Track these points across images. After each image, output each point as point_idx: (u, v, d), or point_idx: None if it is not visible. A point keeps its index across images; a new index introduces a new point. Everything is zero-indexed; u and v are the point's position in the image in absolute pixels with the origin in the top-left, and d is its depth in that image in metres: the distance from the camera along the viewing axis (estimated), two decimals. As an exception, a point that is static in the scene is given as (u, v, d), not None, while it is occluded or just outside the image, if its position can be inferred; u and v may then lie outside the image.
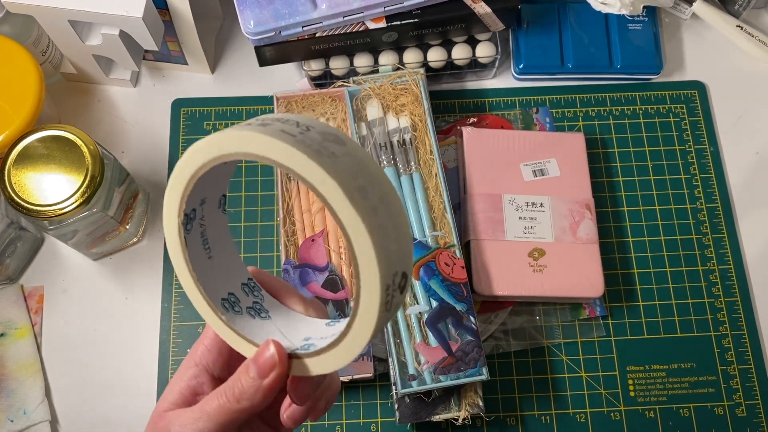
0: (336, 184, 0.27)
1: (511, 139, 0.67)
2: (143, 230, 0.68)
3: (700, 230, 0.69)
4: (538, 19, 0.73)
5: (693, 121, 0.73)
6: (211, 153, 0.30)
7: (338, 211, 0.27)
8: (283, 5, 0.63)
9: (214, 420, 0.34)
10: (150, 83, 0.74)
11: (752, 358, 0.65)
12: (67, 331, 0.65)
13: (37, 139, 0.57)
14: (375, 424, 0.62)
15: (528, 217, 0.64)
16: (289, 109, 0.67)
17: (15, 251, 0.64)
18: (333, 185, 0.27)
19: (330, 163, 0.27)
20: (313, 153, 0.27)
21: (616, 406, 0.63)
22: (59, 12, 0.61)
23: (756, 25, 0.77)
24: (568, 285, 0.63)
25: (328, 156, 0.27)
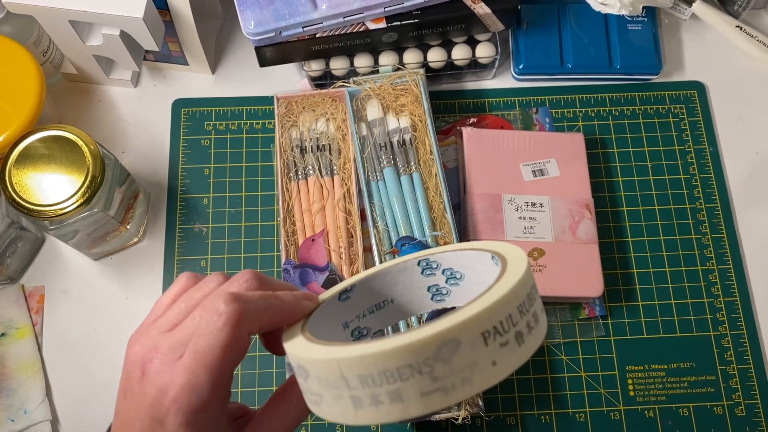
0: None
1: (511, 139, 0.67)
2: (144, 230, 0.68)
3: (700, 230, 0.69)
4: (538, 20, 0.74)
5: (692, 122, 0.73)
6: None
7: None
8: (283, 6, 0.63)
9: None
10: (150, 83, 0.74)
11: (751, 357, 0.65)
12: (67, 331, 0.65)
13: (37, 139, 0.57)
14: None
15: (528, 217, 0.64)
16: (289, 110, 0.67)
17: (16, 251, 0.64)
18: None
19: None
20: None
21: (615, 405, 0.63)
22: (60, 12, 0.61)
23: (756, 26, 0.78)
24: (568, 285, 0.63)
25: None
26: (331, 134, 0.66)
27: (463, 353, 0.25)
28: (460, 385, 0.25)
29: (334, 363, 0.26)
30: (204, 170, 0.70)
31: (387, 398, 0.25)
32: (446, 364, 0.25)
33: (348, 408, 0.27)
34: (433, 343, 0.24)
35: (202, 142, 0.71)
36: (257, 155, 0.71)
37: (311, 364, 0.28)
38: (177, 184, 0.70)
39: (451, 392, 0.25)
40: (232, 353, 0.33)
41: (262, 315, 0.33)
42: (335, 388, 0.27)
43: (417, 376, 0.25)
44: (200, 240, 0.68)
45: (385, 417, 0.26)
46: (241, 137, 0.72)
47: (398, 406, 0.25)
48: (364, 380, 0.26)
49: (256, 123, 0.72)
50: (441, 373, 0.25)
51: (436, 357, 0.24)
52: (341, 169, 0.65)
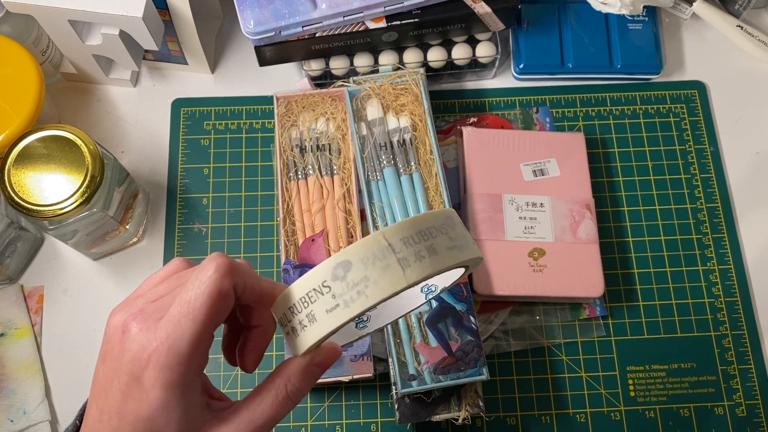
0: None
1: (511, 139, 0.67)
2: (143, 230, 0.68)
3: (700, 230, 0.69)
4: (538, 19, 0.73)
5: (693, 121, 0.73)
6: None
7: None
8: (283, 5, 0.63)
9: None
10: (150, 83, 0.74)
11: (752, 358, 0.65)
12: (67, 331, 0.65)
13: (37, 139, 0.57)
14: (375, 424, 0.62)
15: (528, 217, 0.64)
16: (289, 109, 0.67)
17: (15, 251, 0.64)
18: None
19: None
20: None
21: (616, 406, 0.63)
22: (59, 12, 0.61)
23: (756, 25, 0.77)
24: (568, 285, 0.62)
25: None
26: (331, 134, 0.66)
27: (458, 229, 0.34)
28: (464, 246, 0.33)
29: (379, 235, 0.32)
30: (203, 170, 0.70)
31: (426, 252, 0.32)
32: (453, 230, 0.33)
33: (397, 272, 0.31)
34: (442, 215, 0.33)
35: (202, 142, 0.71)
36: (257, 155, 0.71)
37: (354, 249, 0.32)
38: (176, 183, 0.70)
39: (463, 249, 0.33)
40: (218, 304, 0.33)
41: (247, 276, 0.34)
42: (382, 258, 0.31)
43: (441, 235, 0.33)
44: (200, 240, 0.68)
45: (429, 269, 0.31)
46: (241, 137, 0.72)
47: (435, 258, 0.32)
48: (407, 241, 0.32)
49: (255, 123, 0.72)
50: (453, 235, 0.33)
51: (447, 224, 0.33)
52: (341, 168, 0.65)
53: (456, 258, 0.32)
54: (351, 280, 0.32)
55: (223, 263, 0.33)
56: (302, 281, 0.33)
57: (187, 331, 0.32)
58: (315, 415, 0.62)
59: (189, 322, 0.32)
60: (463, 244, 0.33)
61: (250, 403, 0.35)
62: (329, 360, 0.36)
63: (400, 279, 0.31)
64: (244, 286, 0.34)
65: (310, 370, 0.35)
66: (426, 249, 0.32)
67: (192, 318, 0.32)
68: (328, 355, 0.36)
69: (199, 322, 0.32)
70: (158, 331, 0.32)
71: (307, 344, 0.34)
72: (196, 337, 0.32)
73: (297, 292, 0.33)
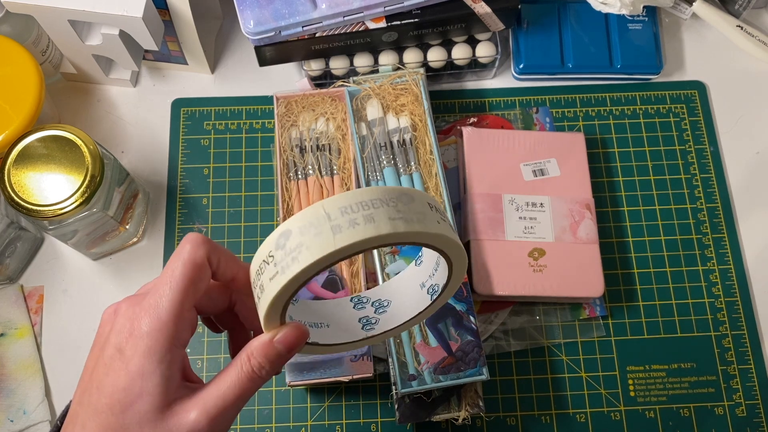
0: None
1: (511, 139, 0.67)
2: (143, 230, 0.68)
3: (700, 230, 0.69)
4: (538, 19, 0.73)
5: (693, 121, 0.73)
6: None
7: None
8: (283, 5, 0.63)
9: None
10: (150, 83, 0.74)
11: (752, 358, 0.65)
12: (67, 331, 0.65)
13: (37, 139, 0.57)
14: (375, 424, 0.62)
15: (528, 217, 0.64)
16: (289, 109, 0.67)
17: (15, 251, 0.64)
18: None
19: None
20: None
21: (616, 406, 0.63)
22: (59, 12, 0.61)
23: (756, 25, 0.77)
24: (568, 285, 0.62)
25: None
26: (330, 134, 0.66)
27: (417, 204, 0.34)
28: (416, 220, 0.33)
29: (318, 205, 0.33)
30: (203, 170, 0.70)
31: (362, 220, 0.32)
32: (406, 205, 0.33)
33: (328, 238, 0.32)
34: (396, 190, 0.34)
35: (202, 142, 0.71)
36: (257, 155, 0.71)
37: (294, 219, 0.33)
38: (176, 183, 0.70)
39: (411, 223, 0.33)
40: (192, 272, 0.35)
41: (222, 253, 0.37)
42: (317, 226, 0.32)
43: (385, 206, 0.33)
44: (200, 240, 0.68)
45: (360, 235, 0.32)
46: (241, 137, 0.71)
47: (371, 225, 0.32)
48: (344, 210, 0.32)
49: (255, 123, 0.72)
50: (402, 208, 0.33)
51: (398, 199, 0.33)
52: (341, 169, 0.65)
53: (396, 227, 0.32)
54: (288, 247, 0.33)
55: (195, 237, 0.36)
56: (256, 255, 0.35)
57: (165, 298, 0.35)
58: (315, 415, 0.62)
59: (167, 290, 0.35)
60: (413, 218, 0.33)
61: (219, 379, 0.36)
62: (291, 337, 0.36)
63: (329, 243, 0.32)
64: (218, 261, 0.37)
65: (272, 347, 0.36)
66: (363, 217, 0.32)
67: (170, 287, 0.35)
68: (289, 332, 0.36)
69: (177, 290, 0.35)
70: (143, 303, 0.35)
71: (262, 315, 0.35)
72: (174, 303, 0.35)
73: (254, 267, 0.35)
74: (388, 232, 0.32)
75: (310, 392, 0.63)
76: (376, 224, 0.32)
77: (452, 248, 0.36)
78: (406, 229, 0.32)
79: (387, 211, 0.32)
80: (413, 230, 0.33)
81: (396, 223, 0.32)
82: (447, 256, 0.37)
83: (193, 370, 0.38)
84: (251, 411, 0.62)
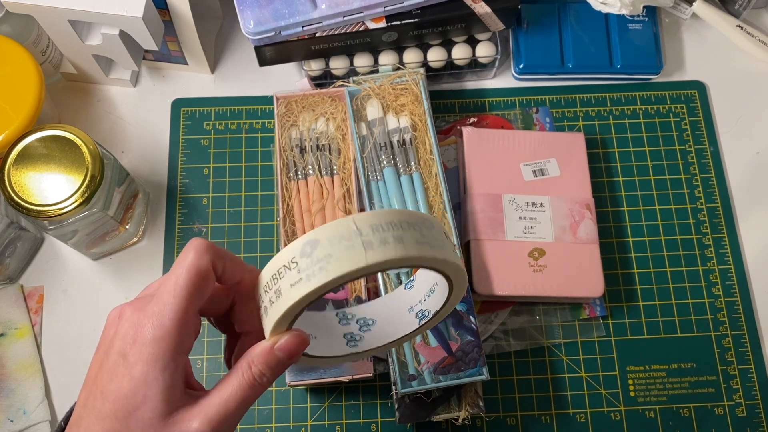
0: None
1: (511, 139, 0.67)
2: (143, 230, 0.68)
3: (700, 230, 0.69)
4: (538, 19, 0.73)
5: (693, 121, 0.73)
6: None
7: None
8: (283, 5, 0.63)
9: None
10: (150, 83, 0.74)
11: (752, 358, 0.65)
12: (67, 331, 0.65)
13: (36, 139, 0.57)
14: (375, 424, 0.62)
15: (528, 217, 0.64)
16: (289, 109, 0.67)
17: (15, 251, 0.64)
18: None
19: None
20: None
21: (616, 406, 0.63)
22: (59, 12, 0.61)
23: (756, 25, 0.77)
24: (568, 285, 0.62)
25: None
26: (330, 134, 0.66)
27: (436, 232, 0.35)
28: (438, 246, 0.34)
29: (349, 219, 0.33)
30: (203, 170, 0.70)
31: (393, 240, 0.33)
32: (429, 231, 0.34)
33: (359, 252, 0.32)
34: (419, 216, 0.35)
35: (202, 142, 0.71)
36: (257, 155, 0.71)
37: (325, 229, 0.33)
38: (176, 183, 0.70)
39: (434, 248, 0.34)
40: (196, 279, 0.35)
41: (227, 258, 0.37)
42: (348, 239, 0.32)
43: (412, 230, 0.34)
44: (200, 240, 0.68)
45: (391, 253, 0.32)
46: (241, 137, 0.71)
47: (400, 245, 0.33)
48: (375, 227, 0.33)
49: (255, 123, 0.72)
50: (426, 234, 0.34)
51: (422, 224, 0.34)
52: (341, 168, 0.65)
53: (423, 251, 0.33)
54: (316, 256, 0.33)
55: (200, 244, 0.36)
56: (275, 260, 0.35)
57: (169, 306, 0.34)
58: (315, 415, 0.62)
59: (171, 298, 0.34)
60: (436, 244, 0.34)
61: (220, 387, 0.36)
62: (292, 345, 0.36)
63: (361, 258, 0.32)
64: (223, 267, 0.36)
65: (273, 354, 0.36)
66: (393, 237, 0.33)
67: (174, 294, 0.35)
68: (291, 339, 0.36)
69: (180, 297, 0.34)
70: (147, 309, 0.35)
71: (273, 320, 0.35)
72: (178, 311, 0.34)
73: (270, 271, 0.35)
74: (417, 255, 0.33)
75: (310, 392, 0.63)
76: (405, 246, 0.33)
77: (459, 276, 0.37)
78: (432, 255, 0.33)
79: (414, 235, 0.33)
80: (437, 257, 0.34)
81: (423, 248, 0.33)
82: (452, 282, 0.38)
83: (194, 371, 0.38)
84: (251, 411, 0.62)
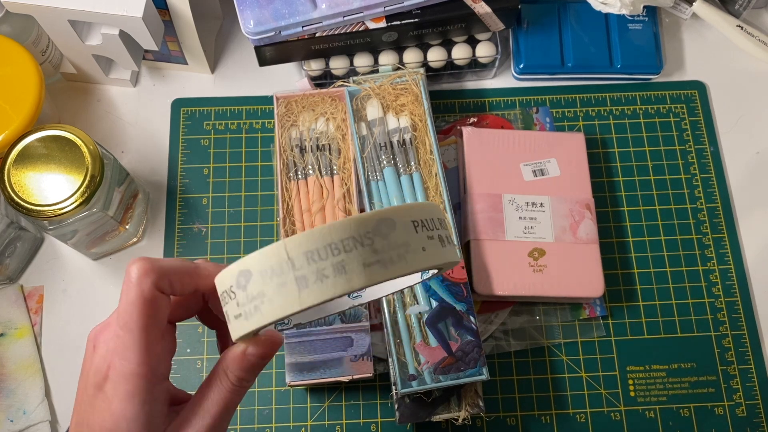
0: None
1: (511, 139, 0.67)
2: (143, 230, 0.68)
3: (700, 230, 0.69)
4: (538, 19, 0.73)
5: (693, 121, 0.73)
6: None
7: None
8: (283, 5, 0.63)
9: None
10: (150, 83, 0.74)
11: (752, 358, 0.65)
12: (67, 331, 0.65)
13: (36, 139, 0.57)
14: (375, 424, 0.62)
15: (528, 217, 0.64)
16: (289, 109, 0.67)
17: (15, 251, 0.64)
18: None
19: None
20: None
21: (616, 406, 0.63)
22: (59, 12, 0.61)
23: (756, 25, 0.77)
24: (568, 285, 0.62)
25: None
26: (330, 134, 0.66)
27: (399, 232, 0.29)
28: (396, 260, 0.29)
29: (280, 246, 0.29)
30: (203, 170, 0.70)
31: (332, 271, 0.28)
32: (385, 239, 0.29)
33: (292, 293, 0.28)
34: (373, 219, 0.29)
35: (202, 142, 0.71)
36: (257, 155, 0.71)
37: (254, 258, 0.29)
38: (176, 183, 0.70)
39: (389, 265, 0.29)
40: (147, 311, 0.33)
41: (173, 273, 0.34)
42: (280, 274, 0.28)
43: (359, 247, 0.28)
44: (200, 240, 0.68)
45: (330, 291, 0.28)
46: (241, 137, 0.72)
47: (342, 278, 0.28)
48: (310, 256, 0.28)
49: (255, 123, 0.72)
50: (380, 246, 0.29)
51: (375, 231, 0.29)
52: (341, 168, 0.65)
53: (373, 276, 0.28)
54: (250, 292, 0.30)
55: (138, 268, 0.33)
56: (219, 278, 0.32)
57: (128, 342, 0.33)
58: (315, 415, 0.62)
59: (127, 334, 0.33)
60: (393, 257, 0.29)
61: (202, 397, 0.36)
62: (266, 350, 0.35)
63: (294, 301, 0.28)
64: (170, 283, 0.34)
65: (247, 359, 0.35)
66: (332, 267, 0.28)
67: (128, 329, 0.33)
68: (264, 345, 0.35)
69: (135, 330, 0.33)
70: (111, 344, 0.34)
71: (234, 335, 0.33)
72: (138, 347, 0.33)
73: (219, 286, 0.33)
74: (365, 283, 0.28)
75: (310, 392, 0.63)
76: (347, 276, 0.28)
77: (449, 261, 0.32)
78: (384, 276, 0.28)
79: (361, 255, 0.28)
80: (393, 274, 0.29)
81: (372, 271, 0.28)
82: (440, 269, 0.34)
83: (194, 371, 0.38)
84: (251, 411, 0.62)
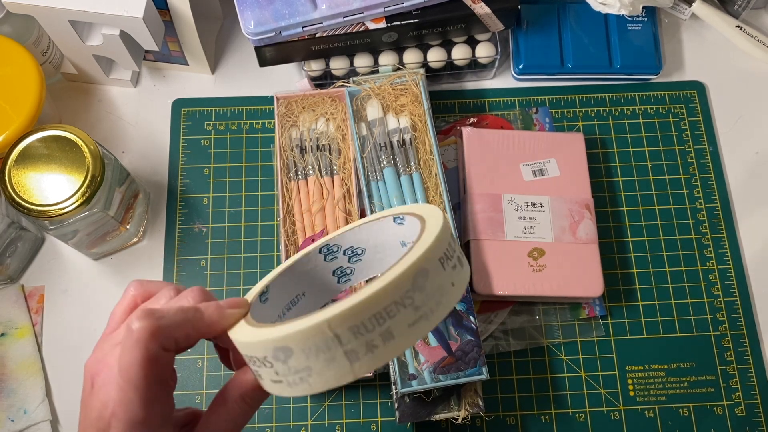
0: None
1: (511, 139, 0.67)
2: (144, 230, 0.68)
3: (700, 230, 0.69)
4: (538, 20, 0.74)
5: (692, 122, 0.73)
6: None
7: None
8: (283, 5, 0.63)
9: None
10: (150, 83, 0.74)
11: (751, 357, 0.65)
12: (67, 331, 0.65)
13: (37, 139, 0.57)
14: (375, 423, 0.62)
15: (528, 217, 0.64)
16: (289, 109, 0.67)
17: (16, 251, 0.64)
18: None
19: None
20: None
21: (615, 405, 0.63)
22: (59, 12, 0.61)
23: (755, 26, 0.77)
24: (568, 285, 0.63)
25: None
26: (331, 134, 0.66)
27: (432, 279, 0.29)
28: (435, 308, 0.28)
29: (323, 324, 0.27)
30: (204, 170, 0.70)
31: (380, 340, 0.27)
32: (422, 291, 0.28)
33: (344, 366, 0.28)
34: (409, 276, 0.28)
35: (202, 142, 0.71)
36: (257, 155, 0.71)
37: (295, 337, 0.28)
38: (177, 183, 0.70)
39: (431, 316, 0.28)
40: (152, 370, 0.33)
41: (178, 330, 0.34)
42: (326, 350, 0.28)
43: (402, 309, 0.28)
44: (200, 240, 0.68)
45: (382, 360, 0.28)
46: (241, 137, 0.72)
47: (391, 344, 0.27)
48: (356, 330, 0.27)
49: (255, 123, 0.72)
50: (420, 301, 0.28)
51: (414, 287, 0.28)
52: (341, 169, 0.65)
53: (419, 333, 0.28)
54: (293, 366, 0.29)
55: (144, 329, 0.33)
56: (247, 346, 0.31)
57: (133, 396, 0.33)
58: (315, 414, 0.62)
59: (131, 390, 0.33)
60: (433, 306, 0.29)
61: (216, 412, 0.36)
62: None
63: (346, 374, 0.28)
64: (175, 341, 0.34)
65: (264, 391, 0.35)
66: (380, 336, 0.27)
67: (133, 386, 0.33)
68: None
69: (141, 388, 0.33)
70: (113, 393, 0.34)
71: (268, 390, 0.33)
72: (144, 400, 0.33)
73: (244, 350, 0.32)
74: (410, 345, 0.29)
75: (310, 392, 0.63)
76: (395, 341, 0.28)
77: (467, 279, 0.33)
78: (429, 329, 0.29)
79: (405, 317, 0.28)
80: (435, 323, 0.29)
81: (417, 328, 0.28)
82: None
83: (194, 371, 0.38)
84: (251, 410, 0.62)
